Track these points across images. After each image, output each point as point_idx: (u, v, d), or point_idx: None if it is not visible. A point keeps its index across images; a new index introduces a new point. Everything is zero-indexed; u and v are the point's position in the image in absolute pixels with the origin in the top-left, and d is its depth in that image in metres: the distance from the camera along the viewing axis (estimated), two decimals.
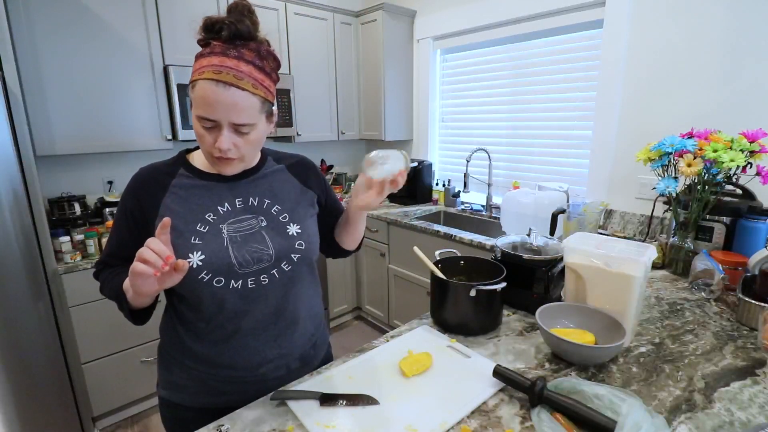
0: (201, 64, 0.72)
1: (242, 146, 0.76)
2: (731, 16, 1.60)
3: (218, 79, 0.69)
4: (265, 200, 0.86)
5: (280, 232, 0.85)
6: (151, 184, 0.82)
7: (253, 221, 0.83)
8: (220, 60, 0.70)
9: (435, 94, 2.97)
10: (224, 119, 0.71)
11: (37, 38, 1.79)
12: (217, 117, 0.71)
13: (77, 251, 1.86)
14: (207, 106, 0.70)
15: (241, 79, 0.70)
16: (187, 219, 0.79)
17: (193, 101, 0.73)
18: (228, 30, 0.72)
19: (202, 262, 0.77)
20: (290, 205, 0.89)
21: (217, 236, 0.79)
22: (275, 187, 0.89)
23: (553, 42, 2.25)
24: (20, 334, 1.63)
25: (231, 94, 0.70)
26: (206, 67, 0.71)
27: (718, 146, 1.27)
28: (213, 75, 0.69)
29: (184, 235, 0.78)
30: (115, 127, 2.04)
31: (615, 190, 2.04)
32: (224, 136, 0.73)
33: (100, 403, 1.97)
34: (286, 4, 2.55)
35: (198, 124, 0.74)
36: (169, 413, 0.92)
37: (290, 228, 0.86)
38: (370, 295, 2.92)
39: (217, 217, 0.81)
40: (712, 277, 1.23)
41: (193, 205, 0.81)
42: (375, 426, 0.72)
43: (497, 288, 1.00)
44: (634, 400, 0.68)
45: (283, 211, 0.87)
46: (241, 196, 0.84)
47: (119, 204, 0.85)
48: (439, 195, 2.92)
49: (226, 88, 0.69)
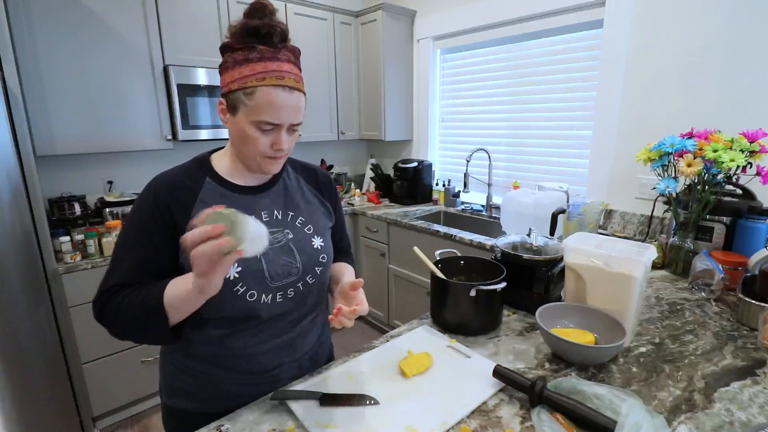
0: (255, 69, 0.71)
1: (291, 144, 0.79)
2: (731, 16, 1.59)
3: (283, 84, 0.71)
4: (290, 212, 0.87)
5: (306, 244, 0.86)
6: (179, 191, 0.78)
7: (280, 235, 0.83)
8: (277, 65, 0.72)
9: (435, 94, 2.97)
10: (287, 121, 0.74)
11: (37, 38, 1.79)
12: (282, 121, 0.73)
13: (77, 251, 1.85)
14: (274, 111, 0.72)
15: (298, 82, 0.74)
16: None
17: (251, 107, 0.72)
18: (277, 34, 0.73)
19: (239, 275, 0.76)
20: (312, 217, 0.90)
21: None
22: (297, 198, 0.89)
23: (553, 42, 2.25)
24: (20, 334, 1.63)
25: (294, 97, 0.73)
26: (264, 72, 0.71)
27: (718, 146, 1.27)
28: (277, 81, 0.71)
29: None
30: (115, 127, 2.04)
31: (615, 190, 2.04)
32: (284, 136, 0.75)
33: (100, 403, 1.97)
34: (286, 4, 2.55)
35: (252, 128, 0.73)
36: (175, 421, 0.90)
37: (315, 241, 0.87)
38: (370, 295, 2.91)
39: None
40: (712, 277, 1.22)
41: None
42: (375, 426, 0.72)
43: (497, 288, 1.00)
44: (634, 400, 0.68)
45: (307, 223, 0.88)
46: (266, 209, 0.84)
47: (136, 218, 0.77)
48: (439, 195, 2.92)
49: (290, 93, 0.72)
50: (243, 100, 0.72)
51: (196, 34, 2.23)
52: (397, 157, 3.27)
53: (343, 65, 2.94)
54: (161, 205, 0.76)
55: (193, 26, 2.21)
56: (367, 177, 3.30)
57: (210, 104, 2.27)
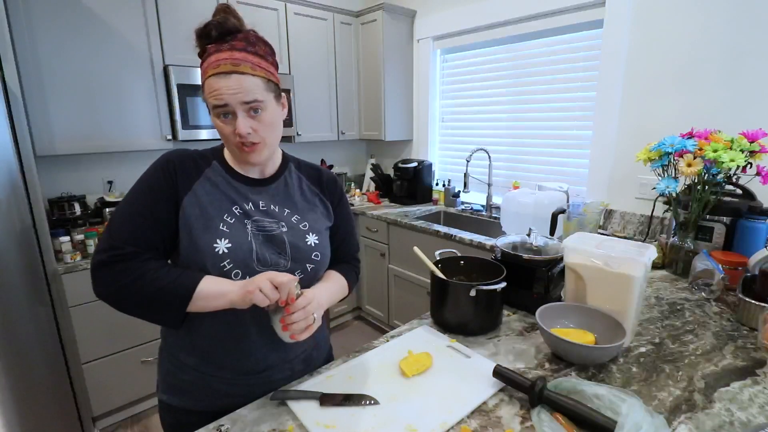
0: (203, 68, 0.78)
1: (260, 129, 0.79)
2: (731, 16, 1.60)
3: (218, 71, 0.75)
4: (286, 209, 0.88)
5: (299, 240, 0.87)
6: (187, 165, 0.83)
7: (274, 225, 0.85)
8: (215, 57, 0.76)
9: (435, 94, 2.97)
10: (233, 101, 0.75)
11: (37, 38, 1.79)
12: (226, 101, 0.75)
13: (77, 251, 1.85)
14: (215, 97, 0.75)
15: (237, 65, 0.75)
16: (216, 206, 0.81)
17: (206, 100, 0.78)
18: (216, 29, 0.78)
19: (228, 250, 0.78)
20: (309, 215, 0.91)
21: (242, 229, 0.82)
22: (296, 197, 0.91)
23: (553, 42, 2.25)
24: (20, 334, 1.63)
25: (233, 80, 0.75)
26: (207, 67, 0.77)
27: (718, 146, 1.27)
28: (213, 70, 0.75)
29: (214, 221, 0.80)
30: (115, 127, 2.04)
31: (615, 190, 2.04)
32: (240, 120, 0.76)
33: (100, 403, 1.96)
34: (286, 4, 2.55)
35: (217, 121, 0.78)
36: (170, 417, 0.91)
37: (309, 237, 0.88)
38: (370, 295, 2.92)
39: (242, 212, 0.83)
40: (712, 277, 1.22)
41: (221, 195, 0.83)
42: (375, 426, 0.72)
43: (497, 288, 1.00)
44: (634, 400, 0.68)
45: (302, 220, 0.89)
46: (263, 200, 0.87)
47: (142, 182, 0.80)
48: (439, 195, 2.92)
49: (227, 77, 0.75)
50: (203, 95, 0.79)
51: None
52: (397, 157, 3.27)
53: (343, 65, 2.94)
54: (166, 174, 0.80)
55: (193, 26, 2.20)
56: (367, 177, 3.31)
57: None
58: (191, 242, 0.78)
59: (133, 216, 0.77)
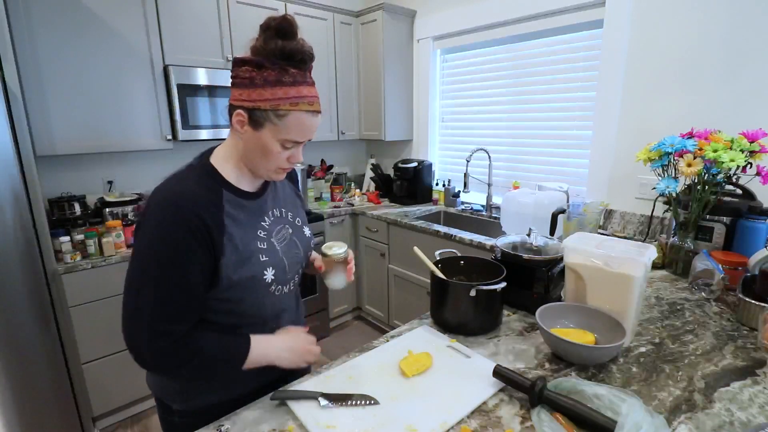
0: (288, 93, 0.73)
1: None
2: (731, 16, 1.59)
3: (314, 110, 0.77)
4: (283, 209, 0.94)
5: (301, 235, 0.96)
6: (207, 206, 0.76)
7: (285, 230, 0.92)
8: (308, 90, 0.76)
9: (435, 94, 2.97)
10: (309, 139, 0.81)
11: (37, 38, 1.79)
12: (306, 139, 0.80)
13: (77, 251, 1.85)
14: (302, 133, 0.77)
15: (319, 106, 0.79)
16: (250, 236, 0.83)
17: (281, 126, 0.75)
18: (310, 60, 0.77)
19: (274, 276, 0.85)
20: (297, 210, 0.99)
21: (273, 248, 0.87)
22: (285, 196, 0.97)
23: (553, 42, 2.25)
24: (20, 334, 1.63)
25: (318, 120, 0.80)
26: (298, 98, 0.74)
27: (718, 146, 1.27)
28: (308, 107, 0.76)
29: (255, 254, 0.82)
30: (115, 127, 2.04)
31: (615, 190, 2.04)
32: (300, 151, 0.82)
33: (100, 403, 1.96)
34: (286, 4, 2.55)
35: (277, 145, 0.77)
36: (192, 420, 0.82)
37: (305, 230, 0.98)
38: (370, 295, 2.92)
39: (265, 232, 0.87)
40: (712, 277, 1.22)
41: (246, 224, 0.83)
42: (375, 426, 0.72)
43: (497, 288, 1.00)
44: (634, 400, 0.68)
45: (296, 216, 0.97)
46: (271, 209, 0.91)
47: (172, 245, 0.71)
48: (439, 195, 2.92)
49: (316, 117, 0.78)
50: (272, 120, 0.74)
51: (196, 34, 2.23)
52: (397, 157, 3.27)
53: (343, 65, 2.94)
54: (203, 225, 0.73)
55: (193, 26, 2.21)
56: (367, 177, 3.30)
57: (210, 104, 2.27)
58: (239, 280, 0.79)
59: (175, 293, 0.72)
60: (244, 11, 2.38)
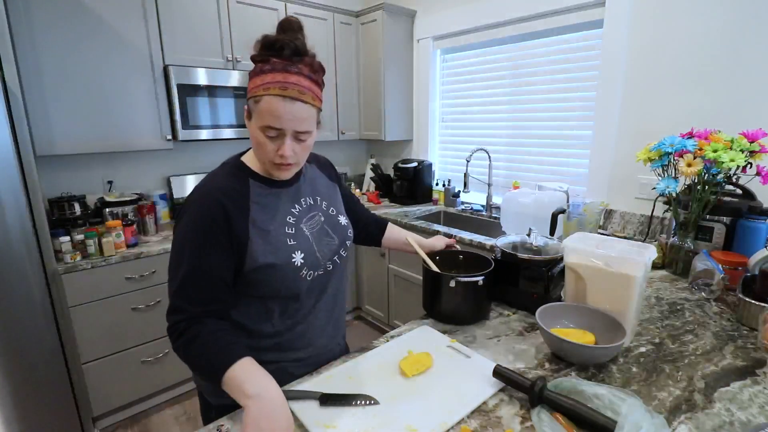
0: (264, 80, 0.76)
1: (300, 152, 0.83)
2: (731, 16, 1.59)
3: (285, 95, 0.75)
4: (317, 197, 0.97)
5: (335, 223, 0.97)
6: (233, 195, 0.83)
7: (316, 218, 0.94)
8: (283, 76, 0.76)
9: (435, 94, 2.97)
10: (288, 129, 0.78)
11: (37, 38, 1.79)
12: (282, 126, 0.77)
13: (77, 251, 1.85)
14: (274, 119, 0.76)
15: (303, 94, 0.77)
16: (279, 223, 0.87)
17: (257, 113, 0.78)
18: (289, 48, 0.77)
19: (304, 260, 0.87)
20: (333, 199, 1.01)
21: (302, 234, 0.89)
22: (318, 185, 0.99)
23: (553, 42, 2.25)
24: (20, 334, 1.63)
25: (296, 108, 0.77)
26: (271, 83, 0.75)
27: (718, 146, 1.27)
28: (280, 91, 0.75)
29: (281, 238, 0.85)
30: (115, 127, 2.04)
31: (615, 190, 2.04)
32: (287, 145, 0.79)
33: (100, 403, 1.96)
34: (286, 4, 2.55)
35: (261, 134, 0.79)
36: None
37: (341, 219, 1.00)
38: (370, 295, 2.91)
39: (295, 218, 0.90)
40: (712, 277, 1.22)
41: (275, 211, 0.87)
42: (375, 426, 0.72)
43: (478, 281, 1.03)
44: (634, 400, 0.68)
45: (330, 205, 0.99)
46: (303, 197, 0.94)
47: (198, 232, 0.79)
48: (439, 195, 2.92)
49: (292, 103, 0.76)
50: (252, 107, 0.79)
51: (196, 34, 2.23)
52: (397, 157, 3.27)
53: (343, 65, 2.94)
54: (224, 212, 0.80)
55: (193, 26, 2.21)
56: (367, 177, 3.31)
57: (210, 104, 2.27)
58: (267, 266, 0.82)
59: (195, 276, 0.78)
60: (244, 11, 2.38)
